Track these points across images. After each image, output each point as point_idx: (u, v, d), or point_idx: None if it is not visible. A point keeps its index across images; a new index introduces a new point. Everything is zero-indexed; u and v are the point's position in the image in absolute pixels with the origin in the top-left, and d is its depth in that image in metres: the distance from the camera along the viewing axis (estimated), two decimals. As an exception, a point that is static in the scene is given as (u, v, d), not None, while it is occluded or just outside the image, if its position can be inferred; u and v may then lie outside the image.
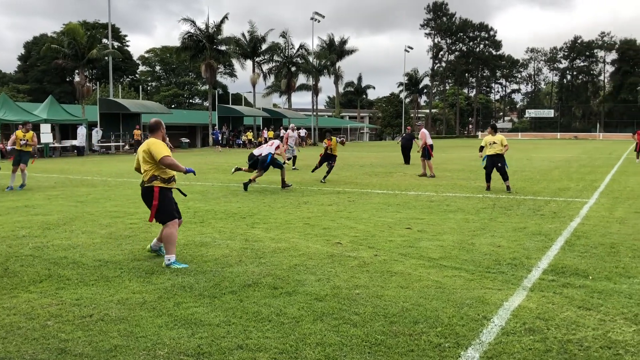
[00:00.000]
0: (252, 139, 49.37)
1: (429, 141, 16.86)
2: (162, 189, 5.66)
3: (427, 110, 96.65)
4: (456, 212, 9.32)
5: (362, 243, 6.80)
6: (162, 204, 5.64)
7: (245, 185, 12.58)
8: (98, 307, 4.45)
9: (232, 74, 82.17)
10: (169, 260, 5.66)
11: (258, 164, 12.98)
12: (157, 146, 5.62)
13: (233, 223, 8.27)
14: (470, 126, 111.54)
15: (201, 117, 55.03)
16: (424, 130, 17.18)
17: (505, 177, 12.28)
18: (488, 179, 12.54)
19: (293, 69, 62.03)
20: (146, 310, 4.37)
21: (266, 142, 52.20)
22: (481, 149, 12.59)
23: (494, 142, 12.23)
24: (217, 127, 47.71)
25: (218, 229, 7.78)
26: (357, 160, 25.51)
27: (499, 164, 12.18)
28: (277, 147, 13.20)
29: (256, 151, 13.22)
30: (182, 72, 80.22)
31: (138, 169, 5.89)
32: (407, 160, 21.25)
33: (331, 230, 7.68)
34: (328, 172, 14.68)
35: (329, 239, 7.02)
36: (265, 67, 61.82)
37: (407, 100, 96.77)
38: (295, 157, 20.54)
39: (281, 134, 51.31)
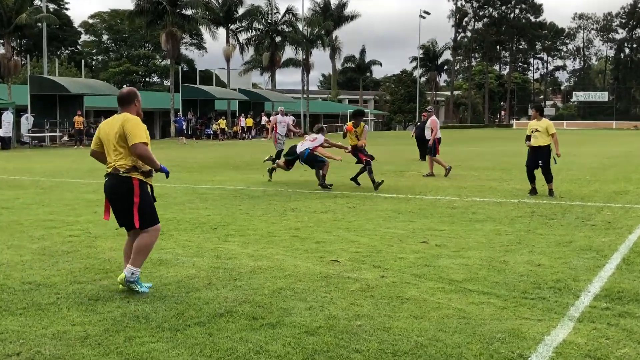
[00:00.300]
0: (226, 128, 49.40)
1: (438, 134, 16.94)
2: (142, 183, 5.47)
3: (448, 93, 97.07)
4: (484, 222, 9.36)
5: (365, 261, 6.81)
6: (144, 202, 5.46)
7: (270, 172, 14.44)
8: (27, 343, 4.42)
9: (200, 46, 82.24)
10: (132, 273, 5.48)
11: (299, 161, 14.21)
12: (136, 126, 5.37)
13: (201, 235, 8.26)
14: (503, 113, 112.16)
15: (161, 100, 55.03)
16: (434, 118, 17.27)
17: (548, 178, 12.33)
18: (531, 179, 12.52)
19: (278, 39, 62.18)
20: (89, 347, 4.35)
21: (244, 131, 52.23)
22: (528, 138, 12.49)
23: (537, 130, 12.17)
24: (180, 113, 47.67)
25: (182, 243, 7.77)
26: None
27: (542, 161, 12.19)
28: (319, 145, 14.12)
29: (299, 147, 14.13)
30: (137, 43, 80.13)
31: (98, 154, 5.67)
32: (423, 155, 21.34)
33: (326, 244, 7.69)
34: (365, 170, 13.49)
35: (323, 256, 7.03)
36: (242, 37, 62.12)
37: (423, 79, 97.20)
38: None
39: (263, 122, 51.61)
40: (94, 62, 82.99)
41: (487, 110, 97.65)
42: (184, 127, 42.69)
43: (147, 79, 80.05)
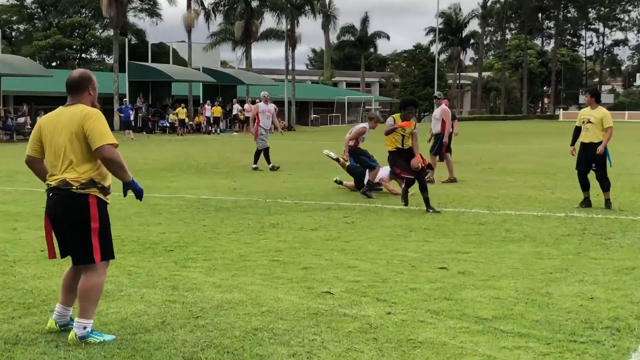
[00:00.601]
0: (187, 120, 49.39)
1: (448, 126, 16.99)
2: (100, 202, 5.38)
3: (476, 74, 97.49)
4: (521, 242, 9.38)
5: (367, 293, 6.81)
6: (105, 227, 5.38)
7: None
8: None
9: (153, 12, 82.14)
10: (84, 328, 5.35)
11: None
12: (100, 122, 5.29)
13: (152, 259, 8.24)
14: (546, 100, 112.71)
15: (101, 82, 54.41)
16: (444, 106, 17.34)
17: (604, 185, 12.39)
18: (583, 186, 12.58)
19: (254, 3, 62.34)
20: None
21: (209, 123, 52.29)
22: (576, 133, 12.52)
23: (589, 121, 12.22)
24: (127, 99, 47.58)
25: (127, 269, 7.75)
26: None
27: (595, 163, 12.24)
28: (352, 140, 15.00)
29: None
30: (70, 8, 79.96)
31: (36, 163, 5.52)
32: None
33: (316, 271, 7.69)
34: (421, 185, 12.31)
35: (312, 287, 7.03)
36: (208, 1, 62.21)
37: (443, 56, 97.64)
38: (268, 148, 20.41)
39: (235, 111, 51.65)
40: (14, 33, 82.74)
41: (525, 96, 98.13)
42: (131, 117, 42.64)
43: (83, 55, 79.93)
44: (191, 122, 51.14)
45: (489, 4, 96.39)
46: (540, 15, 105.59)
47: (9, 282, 7.20)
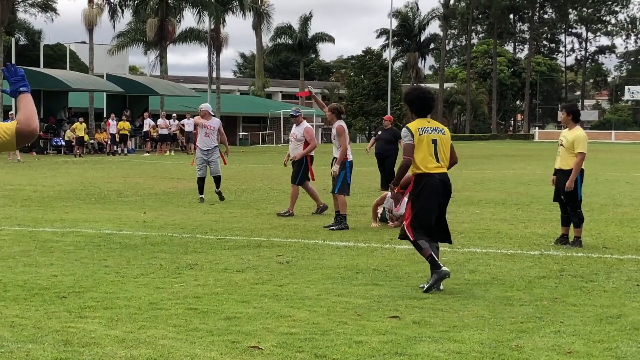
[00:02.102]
0: (86, 137, 48.84)
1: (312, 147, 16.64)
2: None
3: (436, 85, 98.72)
4: (488, 286, 9.47)
5: (303, 347, 6.80)
6: None
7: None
8: None
9: (47, 6, 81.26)
10: None
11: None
12: None
13: (41, 308, 8.10)
14: (520, 117, 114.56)
15: (-19, 90, 54.04)
16: (308, 125, 17.07)
17: (575, 221, 12.56)
18: (563, 219, 12.84)
19: (171, -3, 62.19)
20: None
21: (114, 142, 51.76)
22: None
23: (561, 144, 12.59)
24: (13, 112, 46.91)
25: (9, 320, 7.61)
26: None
27: (564, 194, 12.43)
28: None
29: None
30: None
31: None
32: (386, 180, 21.46)
33: (242, 321, 7.66)
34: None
35: (237, 340, 7.00)
36: (114, -6, 61.81)
37: (398, 64, 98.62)
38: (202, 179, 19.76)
39: (147, 127, 51.28)
40: None
41: (495, 112, 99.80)
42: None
43: (-41, 57, 78.72)
44: (92, 141, 50.60)
45: (451, 2, 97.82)
46: (512, 16, 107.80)
47: None
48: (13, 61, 51.11)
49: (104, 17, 59.52)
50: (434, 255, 9.22)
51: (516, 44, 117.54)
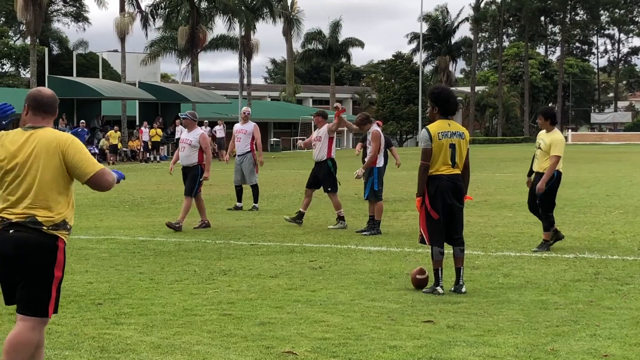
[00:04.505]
0: (119, 145, 49.20)
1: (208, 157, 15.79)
2: (65, 248, 5.60)
3: (467, 89, 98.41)
4: (523, 290, 9.43)
5: (337, 352, 6.81)
6: (63, 278, 5.64)
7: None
8: None
9: (79, 16, 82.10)
10: None
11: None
12: (83, 147, 5.56)
13: (77, 315, 8.16)
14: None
15: (16, 100, 54.26)
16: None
17: (546, 222, 12.38)
18: (539, 216, 12.65)
19: (202, 5, 62.54)
20: None
21: (147, 149, 51.99)
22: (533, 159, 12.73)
23: (539, 147, 12.46)
24: (84, 121, 47.39)
25: (46, 327, 7.64)
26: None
27: (541, 197, 12.24)
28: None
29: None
30: (-22, 10, 79.63)
31: None
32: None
33: (275, 327, 7.68)
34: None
35: (272, 346, 7.02)
36: (145, 3, 62.33)
37: (429, 68, 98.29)
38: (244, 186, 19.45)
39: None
40: None
41: (527, 115, 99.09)
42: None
43: (-6, 68, 79.48)
44: (125, 148, 50.92)
45: (482, 5, 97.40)
46: (543, 18, 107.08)
47: None
48: (46, 71, 51.61)
49: (135, 25, 59.94)
50: (440, 271, 9.33)
51: (548, 46, 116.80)
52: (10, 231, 5.44)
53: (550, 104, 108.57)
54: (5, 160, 5.49)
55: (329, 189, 15.62)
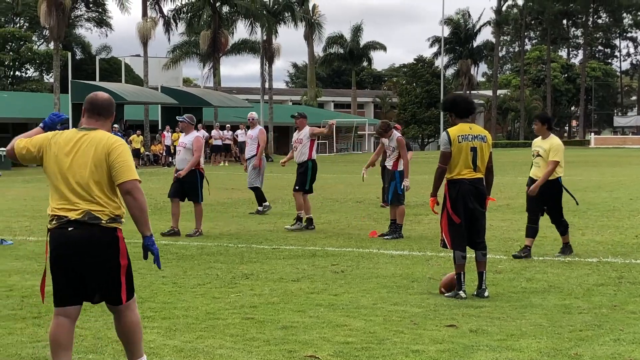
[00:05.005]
0: (142, 149, 49.40)
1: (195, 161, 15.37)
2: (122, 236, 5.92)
3: (489, 92, 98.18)
4: (546, 294, 9.42)
5: (360, 356, 6.82)
6: (130, 264, 5.99)
7: None
8: None
9: (102, 22, 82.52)
10: None
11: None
12: (128, 154, 5.84)
13: (100, 319, 8.20)
14: (575, 123, 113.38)
15: (39, 105, 54.97)
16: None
17: (561, 229, 12.23)
18: (530, 230, 12.29)
19: (224, 9, 62.70)
20: None
21: (169, 153, 52.30)
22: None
23: (538, 154, 12.23)
24: (117, 125, 47.62)
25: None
26: (351, 190, 25.63)
27: (548, 205, 12.06)
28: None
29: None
30: (1, 16, 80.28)
31: (13, 158, 6.01)
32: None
33: (298, 330, 7.69)
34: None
35: (294, 350, 7.03)
36: (167, 7, 62.50)
37: (450, 71, 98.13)
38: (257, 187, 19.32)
39: (211, 136, 51.54)
40: None
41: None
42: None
43: (17, 73, 80.00)
44: (147, 153, 51.12)
45: (504, 8, 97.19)
46: (565, 21, 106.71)
47: None
48: (69, 75, 51.87)
49: (158, 30, 60.22)
50: (462, 274, 9.29)
51: (570, 49, 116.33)
52: (70, 229, 5.70)
53: (572, 108, 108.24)
54: (52, 158, 5.78)
55: (297, 187, 15.85)
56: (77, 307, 5.97)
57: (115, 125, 43.93)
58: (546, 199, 12.11)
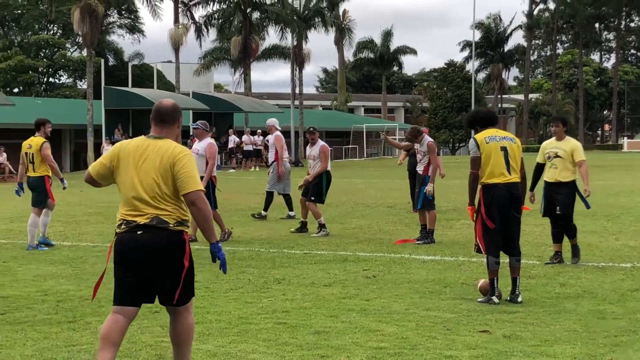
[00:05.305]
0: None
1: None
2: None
3: (521, 96, 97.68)
4: (580, 299, 9.37)
5: (393, 362, 6.80)
6: (192, 268, 6.14)
7: None
8: None
9: (134, 28, 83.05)
10: None
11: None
12: (193, 164, 6.00)
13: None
14: (608, 127, 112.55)
15: (72, 111, 55.37)
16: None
17: (571, 233, 11.93)
18: (556, 235, 12.08)
19: (255, 15, 62.94)
20: None
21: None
22: (538, 173, 12.15)
23: (557, 155, 11.94)
24: (104, 131, 47.99)
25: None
26: (382, 194, 25.61)
27: (560, 205, 11.75)
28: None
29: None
30: (35, 23, 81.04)
31: (94, 184, 6.18)
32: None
33: (330, 336, 7.70)
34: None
35: (327, 355, 7.04)
36: (199, 14, 62.82)
37: (481, 76, 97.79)
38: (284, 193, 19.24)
39: (231, 143, 51.85)
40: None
41: (582, 123, 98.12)
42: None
43: (51, 79, 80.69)
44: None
45: (535, 12, 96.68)
46: (597, 25, 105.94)
47: (-37, 352, 7.23)
48: (102, 82, 52.29)
49: (189, 36, 60.49)
50: (496, 280, 9.25)
51: (602, 53, 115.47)
52: (139, 232, 5.87)
53: (605, 112, 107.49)
54: (123, 166, 5.97)
55: (312, 198, 15.79)
56: (136, 309, 6.12)
57: (117, 130, 44.16)
58: (561, 199, 11.86)
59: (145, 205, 5.89)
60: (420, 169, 14.88)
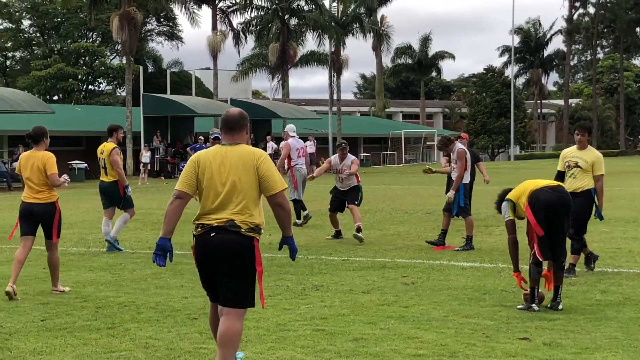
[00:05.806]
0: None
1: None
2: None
3: (561, 102, 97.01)
4: (621, 306, 9.28)
5: (432, 369, 6.77)
6: (263, 270, 6.51)
7: None
8: None
9: (173, 35, 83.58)
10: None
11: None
12: (273, 166, 6.41)
13: (173, 329, 8.29)
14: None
15: (112, 118, 55.71)
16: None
17: (579, 245, 11.52)
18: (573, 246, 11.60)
19: (292, 22, 63.07)
20: None
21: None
22: (558, 178, 11.50)
23: (577, 165, 11.53)
24: (142, 138, 48.32)
25: (143, 341, 7.81)
26: (420, 201, 25.55)
27: (574, 215, 10.76)
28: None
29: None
30: (74, 32, 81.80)
31: (184, 199, 6.54)
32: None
33: (369, 343, 7.68)
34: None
35: (365, 362, 7.01)
36: (237, 21, 63.09)
37: (521, 81, 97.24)
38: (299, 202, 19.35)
39: (269, 149, 51.93)
40: (8, 62, 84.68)
41: (623, 128, 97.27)
42: (148, 160, 42.84)
43: (90, 87, 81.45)
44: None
45: (575, 17, 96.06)
46: (638, 29, 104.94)
47: (4, 359, 7.30)
48: (141, 89, 52.69)
49: (227, 43, 60.74)
50: (536, 289, 9.24)
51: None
52: (212, 234, 6.24)
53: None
54: (206, 173, 6.29)
55: (356, 202, 16.13)
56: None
57: (201, 138, 44.29)
58: (577, 209, 10.83)
59: (221, 210, 6.25)
60: (454, 176, 14.84)
